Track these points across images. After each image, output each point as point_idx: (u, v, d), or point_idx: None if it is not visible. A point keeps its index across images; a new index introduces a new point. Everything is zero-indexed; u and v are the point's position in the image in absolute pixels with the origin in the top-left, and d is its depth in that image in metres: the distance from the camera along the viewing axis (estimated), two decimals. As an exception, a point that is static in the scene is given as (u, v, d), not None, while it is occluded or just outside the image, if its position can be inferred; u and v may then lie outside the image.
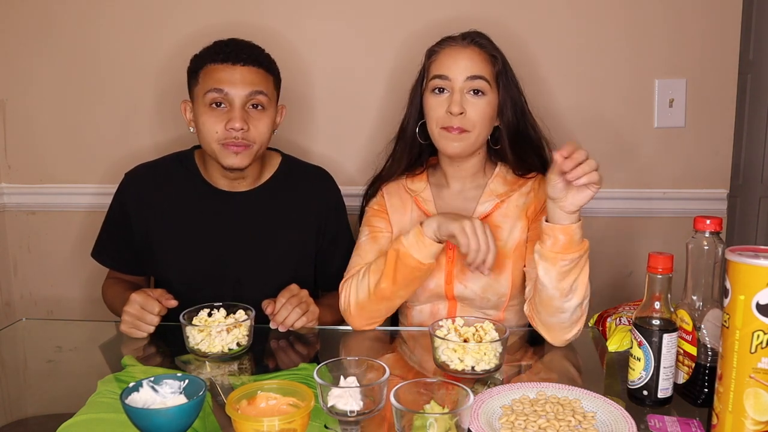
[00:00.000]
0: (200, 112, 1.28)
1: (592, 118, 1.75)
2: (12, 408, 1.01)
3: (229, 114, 1.27)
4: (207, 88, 1.27)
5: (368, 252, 1.32)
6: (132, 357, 1.10)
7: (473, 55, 1.25)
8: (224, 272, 1.36)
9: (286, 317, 1.21)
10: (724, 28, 1.70)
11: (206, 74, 1.28)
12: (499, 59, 1.27)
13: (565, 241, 1.07)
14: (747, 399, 0.76)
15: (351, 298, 1.26)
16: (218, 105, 1.27)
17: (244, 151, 1.29)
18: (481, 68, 1.24)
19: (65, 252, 1.89)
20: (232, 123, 1.26)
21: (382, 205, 1.38)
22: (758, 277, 0.74)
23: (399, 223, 1.35)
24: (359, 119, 1.77)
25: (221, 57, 1.28)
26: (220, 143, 1.28)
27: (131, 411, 0.76)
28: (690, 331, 0.92)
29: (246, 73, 1.28)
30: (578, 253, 1.07)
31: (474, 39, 1.28)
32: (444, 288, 1.29)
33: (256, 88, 1.28)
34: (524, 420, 0.86)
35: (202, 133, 1.29)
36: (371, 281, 1.23)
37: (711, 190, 1.77)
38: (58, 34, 1.77)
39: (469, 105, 1.24)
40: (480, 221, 1.15)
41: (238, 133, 1.26)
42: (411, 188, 1.36)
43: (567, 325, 1.14)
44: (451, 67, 1.25)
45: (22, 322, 1.35)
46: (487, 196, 1.31)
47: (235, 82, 1.26)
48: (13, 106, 1.83)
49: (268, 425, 0.73)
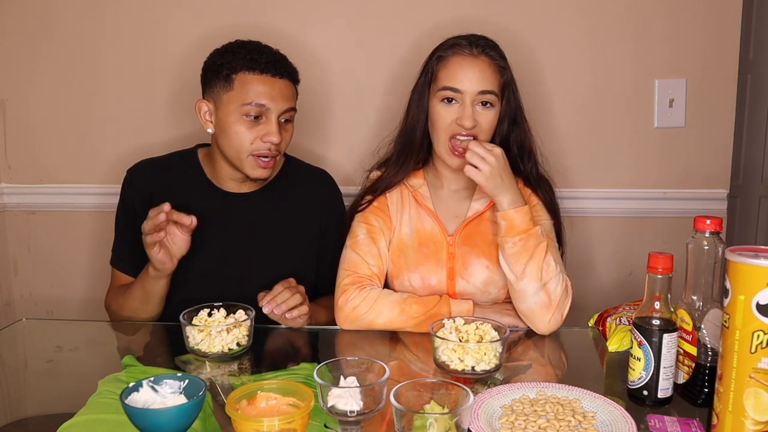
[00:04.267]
0: (233, 120, 1.27)
1: (592, 118, 1.75)
2: (12, 408, 1.01)
3: (266, 127, 1.27)
4: (247, 100, 1.25)
5: (367, 253, 1.32)
6: (132, 357, 1.10)
7: (484, 68, 1.26)
8: (226, 272, 1.36)
9: (279, 299, 1.20)
10: (724, 28, 1.70)
11: (244, 83, 1.26)
12: (507, 71, 1.29)
13: (506, 226, 1.20)
14: (747, 399, 0.76)
15: (360, 311, 1.24)
16: (256, 117, 1.27)
17: (272, 164, 1.31)
18: (491, 82, 1.26)
19: (65, 252, 1.89)
20: (269, 137, 1.26)
21: (382, 201, 1.38)
22: (758, 277, 0.74)
23: (399, 218, 1.36)
24: (359, 119, 1.78)
25: (260, 67, 1.26)
26: (251, 154, 1.28)
27: (131, 411, 0.76)
28: (690, 331, 0.92)
29: (284, 88, 1.28)
30: (520, 236, 1.18)
31: (484, 49, 1.27)
32: (446, 284, 1.31)
33: (290, 104, 1.30)
34: (524, 420, 0.86)
35: (233, 141, 1.28)
36: (401, 322, 1.24)
37: (711, 190, 1.77)
38: (58, 34, 1.77)
39: (479, 117, 1.26)
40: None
41: (274, 147, 1.28)
42: (410, 184, 1.37)
43: (539, 311, 1.19)
44: (463, 81, 1.25)
45: (22, 322, 1.35)
46: (480, 194, 1.33)
47: (275, 97, 1.27)
48: (13, 106, 1.83)
49: (268, 425, 0.73)
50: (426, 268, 1.32)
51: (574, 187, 1.76)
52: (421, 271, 1.32)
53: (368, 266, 1.31)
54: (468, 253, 1.31)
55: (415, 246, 1.33)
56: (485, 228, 1.32)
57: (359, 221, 1.36)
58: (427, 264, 1.32)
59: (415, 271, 1.32)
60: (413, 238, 1.34)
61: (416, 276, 1.32)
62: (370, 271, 1.30)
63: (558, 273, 1.20)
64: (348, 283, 1.28)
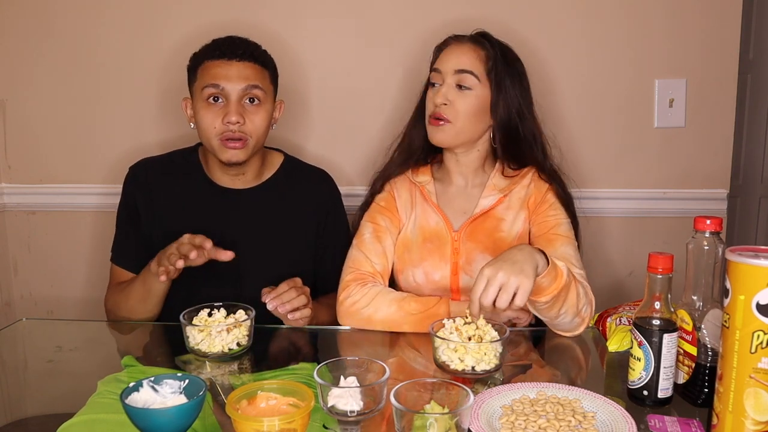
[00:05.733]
0: (198, 108, 1.31)
1: (592, 118, 1.75)
2: (12, 408, 1.01)
3: (225, 108, 1.29)
4: (204, 84, 1.30)
5: (371, 251, 1.33)
6: (132, 357, 1.10)
7: (466, 51, 1.29)
8: (224, 268, 1.36)
9: (284, 297, 1.20)
10: (724, 28, 1.70)
11: (203, 71, 1.31)
12: (492, 55, 1.28)
13: (533, 289, 1.04)
14: (747, 399, 0.76)
15: (359, 306, 1.25)
16: (216, 100, 1.30)
17: (241, 146, 1.31)
18: (470, 63, 1.27)
19: (65, 252, 1.88)
20: (228, 117, 1.28)
21: (390, 201, 1.39)
22: (758, 277, 0.74)
23: (407, 215, 1.37)
24: (358, 120, 1.77)
25: (217, 53, 1.31)
26: (218, 138, 1.30)
27: (131, 411, 0.76)
28: (690, 331, 0.92)
29: (242, 68, 1.30)
30: (550, 295, 1.07)
31: (473, 36, 1.31)
32: (450, 279, 1.31)
33: (251, 82, 1.31)
34: (524, 420, 0.86)
35: (201, 128, 1.32)
36: (399, 318, 1.24)
37: (711, 190, 1.77)
38: (58, 34, 1.77)
39: (455, 98, 1.27)
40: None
41: (234, 127, 1.29)
42: (417, 180, 1.39)
43: (568, 329, 1.19)
44: (443, 61, 1.30)
45: (22, 322, 1.35)
46: (490, 191, 1.33)
47: (231, 77, 1.29)
48: (13, 106, 1.83)
49: (268, 425, 0.73)
50: (430, 263, 1.32)
51: (574, 187, 1.74)
52: (425, 266, 1.32)
53: (371, 264, 1.32)
54: (473, 249, 1.31)
55: (419, 242, 1.34)
56: (491, 224, 1.32)
57: (366, 220, 1.38)
58: (430, 259, 1.32)
59: (418, 266, 1.33)
60: (417, 235, 1.35)
61: (420, 271, 1.33)
62: (373, 269, 1.32)
63: (585, 296, 1.16)
64: (350, 279, 1.29)
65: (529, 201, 1.33)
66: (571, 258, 1.24)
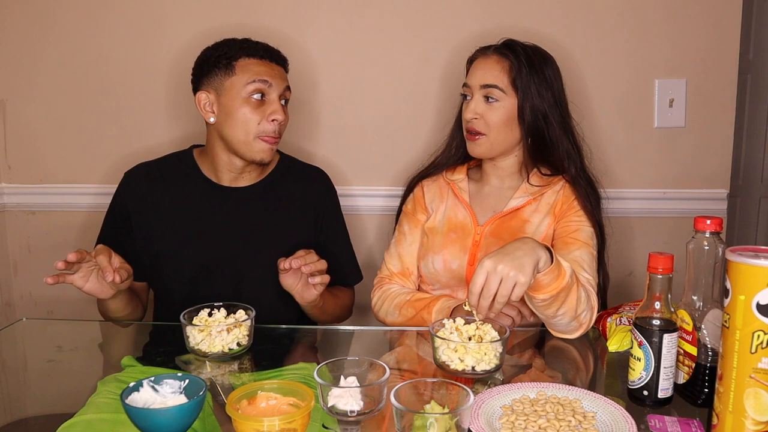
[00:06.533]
0: (239, 104, 1.30)
1: (592, 118, 1.75)
2: (12, 408, 1.01)
3: (271, 106, 1.31)
4: (249, 80, 1.29)
5: (393, 254, 1.43)
6: (132, 357, 1.10)
7: (492, 64, 1.32)
8: (223, 268, 1.37)
9: (307, 258, 1.20)
10: (724, 28, 1.70)
11: (246, 66, 1.30)
12: (515, 65, 1.30)
13: (532, 284, 1.05)
14: (747, 399, 0.76)
15: (376, 309, 1.40)
16: (261, 97, 1.30)
17: (275, 144, 1.34)
18: (495, 77, 1.30)
19: (65, 252, 1.86)
20: (275, 115, 1.30)
21: (419, 199, 1.44)
22: (758, 277, 0.74)
23: (436, 209, 1.42)
24: (358, 120, 1.77)
25: (259, 53, 1.32)
26: (257, 135, 1.31)
27: (131, 411, 0.76)
28: (690, 331, 0.92)
29: (281, 72, 1.35)
30: (549, 293, 1.07)
31: (498, 48, 1.34)
32: (466, 269, 1.33)
33: (287, 83, 1.35)
34: (524, 420, 0.86)
35: (239, 124, 1.30)
36: (402, 322, 1.34)
37: (711, 190, 1.77)
38: (58, 34, 1.77)
39: (484, 111, 1.31)
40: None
41: (277, 126, 1.31)
42: (450, 178, 1.43)
43: (564, 331, 1.19)
44: (471, 76, 1.34)
45: (22, 322, 1.35)
46: (522, 192, 1.36)
47: (275, 76, 1.32)
48: (13, 106, 1.83)
49: (268, 425, 0.73)
50: (449, 252, 1.35)
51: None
52: (445, 254, 1.35)
53: (392, 265, 1.43)
54: (493, 245, 1.31)
55: (444, 231, 1.38)
56: (516, 224, 1.33)
57: (398, 223, 1.47)
58: (451, 248, 1.35)
59: (439, 253, 1.36)
60: (444, 224, 1.39)
61: (439, 258, 1.35)
62: (389, 272, 1.43)
63: (586, 302, 1.15)
64: (376, 281, 1.44)
65: (557, 207, 1.34)
66: (582, 263, 1.24)
